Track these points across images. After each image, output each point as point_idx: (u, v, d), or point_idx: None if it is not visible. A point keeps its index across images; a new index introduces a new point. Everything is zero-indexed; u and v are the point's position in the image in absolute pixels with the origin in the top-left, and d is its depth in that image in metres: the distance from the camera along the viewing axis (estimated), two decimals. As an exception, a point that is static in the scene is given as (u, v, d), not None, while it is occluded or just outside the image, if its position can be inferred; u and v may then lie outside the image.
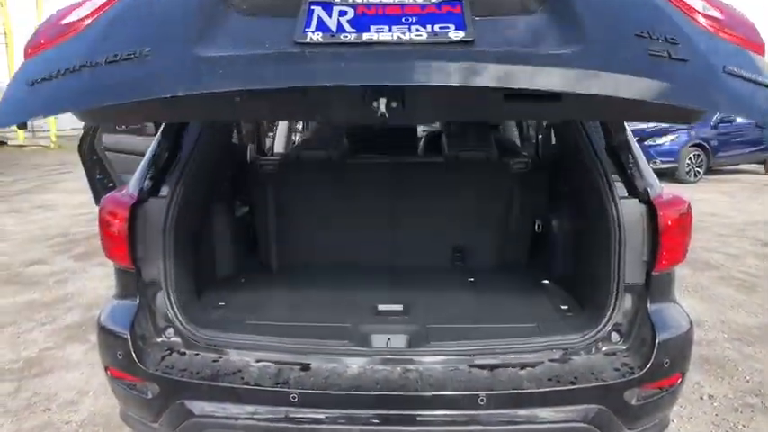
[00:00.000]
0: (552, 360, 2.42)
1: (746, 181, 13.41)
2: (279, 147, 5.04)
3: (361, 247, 3.33)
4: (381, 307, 2.79)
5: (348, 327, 2.54)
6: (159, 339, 2.55)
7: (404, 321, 2.64)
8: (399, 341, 2.45)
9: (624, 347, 2.49)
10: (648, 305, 2.49)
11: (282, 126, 5.19)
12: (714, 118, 13.20)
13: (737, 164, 14.24)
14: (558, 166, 3.14)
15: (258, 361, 2.40)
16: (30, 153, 19.79)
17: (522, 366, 2.38)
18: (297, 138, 5.06)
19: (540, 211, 3.27)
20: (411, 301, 2.88)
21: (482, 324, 2.61)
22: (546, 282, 3.13)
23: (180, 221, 2.56)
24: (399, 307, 2.79)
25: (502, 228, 3.25)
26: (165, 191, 2.57)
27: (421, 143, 4.95)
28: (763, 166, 14.25)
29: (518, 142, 4.93)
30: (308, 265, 3.37)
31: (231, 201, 3.30)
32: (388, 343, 2.42)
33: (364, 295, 2.95)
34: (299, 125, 5.15)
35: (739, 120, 13.33)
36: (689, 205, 2.53)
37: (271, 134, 5.41)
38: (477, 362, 2.38)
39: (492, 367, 2.36)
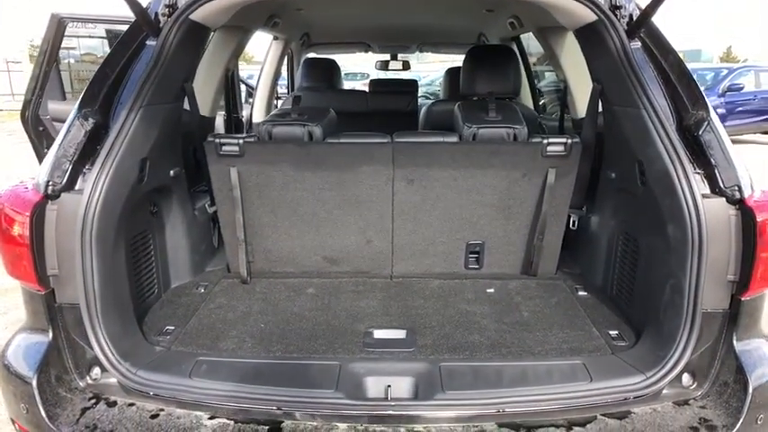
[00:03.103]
0: (608, 415, 1.82)
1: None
2: (259, 116, 4.30)
3: (353, 250, 2.67)
4: (378, 333, 2.16)
5: (335, 366, 1.91)
6: (82, 383, 1.91)
7: (408, 357, 2.01)
8: (403, 388, 1.83)
9: (699, 394, 1.89)
10: (734, 340, 1.88)
11: (263, 90, 4.43)
12: (722, 85, 12.57)
13: (741, 134, 13.66)
14: (606, 148, 2.47)
15: (212, 418, 1.78)
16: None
17: (570, 426, 1.77)
18: (279, 105, 4.32)
19: (577, 204, 2.62)
20: (416, 323, 2.24)
21: (511, 360, 1.99)
22: (583, 294, 2.50)
23: (106, 222, 1.88)
24: (401, 334, 2.16)
25: (529, 224, 2.60)
26: (83, 183, 1.88)
27: (424, 117, 4.25)
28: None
29: (551, 117, 4.22)
30: (284, 273, 2.71)
31: (185, 191, 2.60)
32: (387, 392, 1.79)
33: (356, 316, 2.30)
34: (283, 90, 4.39)
35: (747, 88, 12.70)
36: (791, 207, 1.89)
37: (251, 99, 4.67)
38: (509, 419, 1.77)
39: (529, 428, 1.75)
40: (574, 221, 2.66)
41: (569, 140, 2.40)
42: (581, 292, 2.51)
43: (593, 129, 2.47)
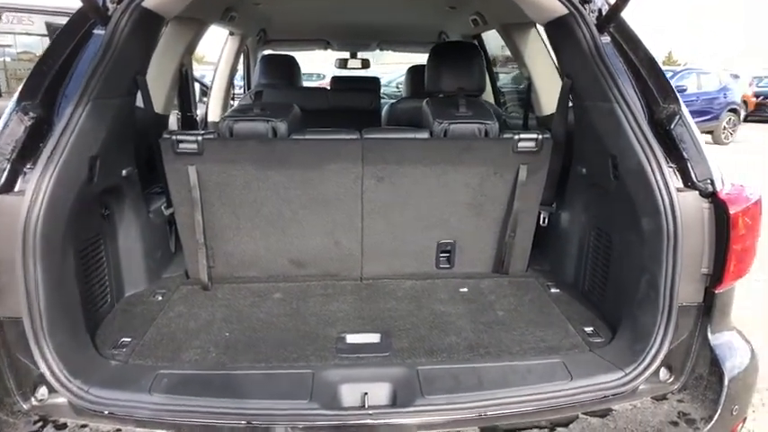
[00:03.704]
0: (590, 413, 1.78)
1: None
2: (214, 115, 4.12)
3: (320, 252, 2.56)
4: (351, 338, 2.06)
5: (308, 375, 1.80)
6: (26, 406, 1.73)
7: (384, 362, 1.92)
8: (380, 395, 1.74)
9: (676, 387, 1.89)
10: (709, 333, 1.88)
11: (219, 88, 4.24)
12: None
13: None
14: (576, 143, 2.45)
15: None
16: None
17: (553, 427, 1.72)
18: (235, 104, 4.14)
19: (547, 200, 2.59)
20: (390, 326, 2.16)
21: (490, 362, 1.93)
22: (556, 291, 2.48)
23: (52, 227, 1.71)
24: (375, 337, 2.07)
25: (500, 221, 2.55)
26: (24, 183, 1.71)
27: (387, 115, 4.16)
28: (710, 135, 14.31)
29: (510, 116, 4.21)
30: (248, 278, 2.57)
31: (139, 192, 2.43)
32: (364, 400, 1.69)
33: (327, 320, 2.20)
34: (240, 89, 4.21)
35: (689, 90, 13.27)
36: (761, 198, 1.91)
37: (205, 99, 4.47)
38: (491, 422, 1.71)
39: (512, 431, 1.69)
40: (544, 218, 2.64)
41: (540, 136, 2.37)
42: (553, 289, 2.49)
43: (563, 124, 2.45)
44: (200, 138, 2.29)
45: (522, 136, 2.37)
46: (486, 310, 2.31)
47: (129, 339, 2.01)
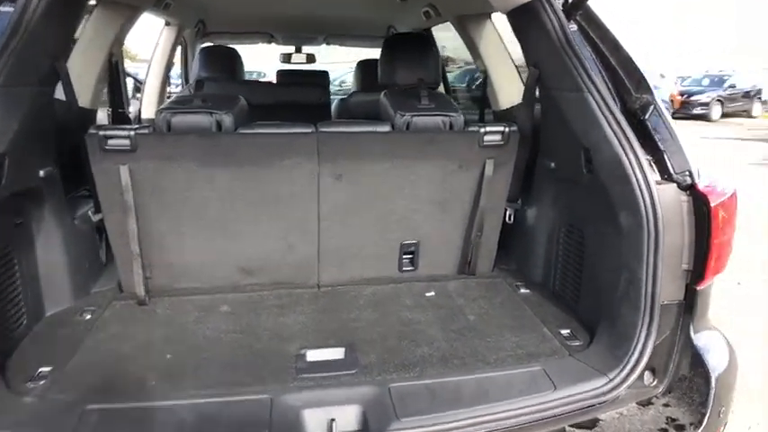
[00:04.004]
0: (576, 426, 1.66)
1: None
2: (149, 111, 3.77)
3: (272, 258, 2.33)
4: (312, 355, 1.85)
5: (265, 401, 1.58)
6: None
7: (352, 381, 1.72)
8: (350, 420, 1.54)
9: (660, 391, 1.80)
10: (692, 332, 1.80)
11: (154, 83, 3.90)
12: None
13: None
14: (543, 136, 2.33)
15: None
16: None
17: None
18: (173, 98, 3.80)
19: (512, 196, 2.47)
20: (354, 338, 1.96)
21: (466, 374, 1.77)
22: (525, 291, 2.36)
23: None
24: (339, 353, 1.87)
25: (466, 220, 2.41)
26: None
27: (338, 110, 3.96)
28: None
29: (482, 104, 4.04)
30: (191, 289, 2.31)
31: (62, 196, 2.12)
32: (332, 427, 1.49)
33: (284, 336, 1.98)
34: (178, 81, 3.88)
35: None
36: (735, 191, 1.85)
37: (138, 95, 4.11)
38: None
39: None
40: (510, 215, 2.52)
41: (507, 129, 2.24)
42: (522, 290, 2.37)
43: (529, 116, 2.33)
44: (132, 133, 2.01)
45: (489, 129, 2.23)
46: (457, 315, 2.15)
47: (48, 369, 1.72)
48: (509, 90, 3.13)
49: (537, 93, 2.30)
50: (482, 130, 2.22)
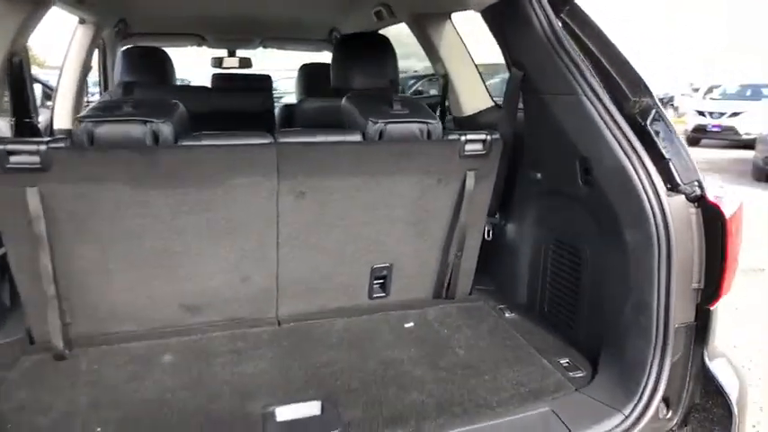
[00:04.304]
0: None
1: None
2: (63, 121, 3.25)
3: (223, 292, 1.98)
4: (283, 413, 1.53)
5: None
6: None
7: None
8: None
9: (674, 424, 1.62)
10: (706, 357, 1.64)
11: (67, 89, 3.38)
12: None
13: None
14: (527, 144, 2.12)
15: None
16: None
17: None
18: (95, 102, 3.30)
19: (491, 211, 2.25)
20: (331, 387, 1.66)
21: (469, 423, 1.51)
22: (511, 316, 2.14)
23: None
24: (315, 408, 1.56)
25: (443, 238, 2.16)
26: None
27: (284, 118, 3.60)
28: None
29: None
30: (124, 335, 1.92)
31: None
32: None
33: (245, 390, 1.64)
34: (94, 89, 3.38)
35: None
36: (742, 202, 1.72)
37: (49, 103, 3.58)
38: None
39: None
40: (488, 231, 2.30)
41: (489, 137, 2.01)
42: (507, 314, 2.15)
43: (511, 123, 2.12)
44: (44, 147, 1.62)
45: (470, 137, 2.00)
46: (443, 349, 1.90)
47: None
48: (473, 95, 2.94)
49: (520, 97, 2.09)
50: (463, 138, 1.99)
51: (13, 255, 1.75)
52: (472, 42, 3.04)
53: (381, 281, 2.20)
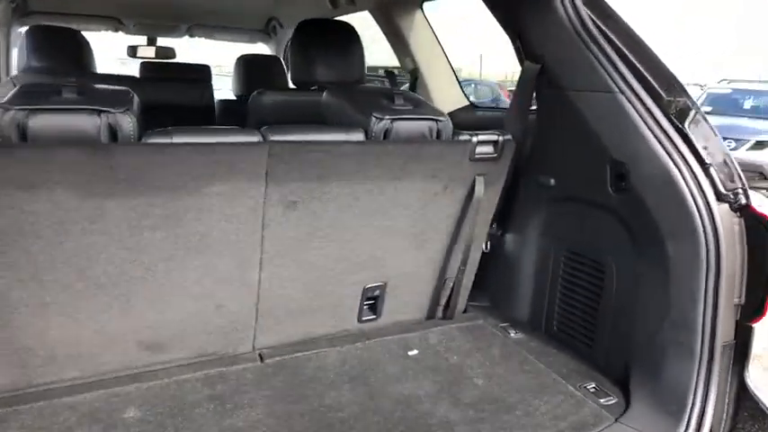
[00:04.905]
0: None
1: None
2: None
3: (190, 322, 1.61)
4: None
5: None
6: None
7: None
8: None
9: None
10: (747, 378, 1.53)
11: None
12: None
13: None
14: (538, 146, 1.92)
15: None
16: None
17: None
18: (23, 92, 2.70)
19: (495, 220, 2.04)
20: None
21: None
22: (519, 336, 1.94)
23: None
24: None
25: (443, 252, 1.92)
26: None
27: (223, 112, 3.18)
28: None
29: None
30: (68, 382, 1.50)
31: None
32: None
33: None
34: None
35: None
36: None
37: None
38: None
39: None
40: (486, 242, 2.09)
41: (501, 138, 1.80)
42: (513, 334, 1.95)
43: (523, 122, 1.92)
44: None
45: (481, 138, 1.77)
46: (460, 381, 1.66)
47: None
48: (447, 93, 2.74)
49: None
50: (474, 139, 1.75)
51: None
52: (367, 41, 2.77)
53: (372, 302, 1.92)
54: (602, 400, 1.60)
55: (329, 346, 1.79)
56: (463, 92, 2.75)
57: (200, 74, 3.50)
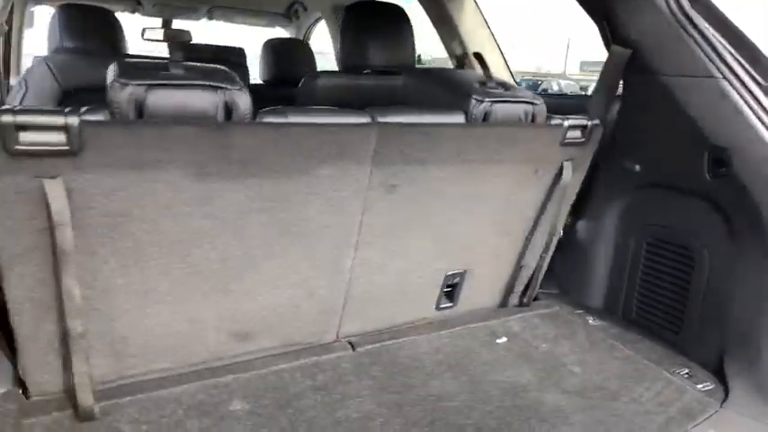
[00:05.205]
0: None
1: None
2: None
3: (281, 310, 1.55)
4: None
5: None
6: None
7: None
8: None
9: None
10: None
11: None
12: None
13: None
14: (625, 131, 1.88)
15: None
16: None
17: None
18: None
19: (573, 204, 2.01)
20: (466, 429, 1.33)
21: None
22: (598, 323, 1.93)
23: None
24: None
25: (524, 238, 1.89)
26: None
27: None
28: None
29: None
30: (161, 373, 1.43)
31: None
32: None
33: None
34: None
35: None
36: None
37: None
38: None
39: None
40: (565, 225, 2.06)
41: (589, 122, 1.76)
42: (591, 320, 1.94)
43: (607, 107, 1.88)
44: (74, 119, 1.10)
45: (572, 122, 1.73)
46: (557, 369, 1.63)
47: None
48: (499, 76, 2.69)
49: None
50: (566, 123, 1.72)
51: (15, 277, 1.19)
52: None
53: (450, 289, 1.88)
54: (699, 386, 1.59)
55: (416, 334, 1.75)
56: (514, 79, 2.72)
57: (236, 56, 3.39)
